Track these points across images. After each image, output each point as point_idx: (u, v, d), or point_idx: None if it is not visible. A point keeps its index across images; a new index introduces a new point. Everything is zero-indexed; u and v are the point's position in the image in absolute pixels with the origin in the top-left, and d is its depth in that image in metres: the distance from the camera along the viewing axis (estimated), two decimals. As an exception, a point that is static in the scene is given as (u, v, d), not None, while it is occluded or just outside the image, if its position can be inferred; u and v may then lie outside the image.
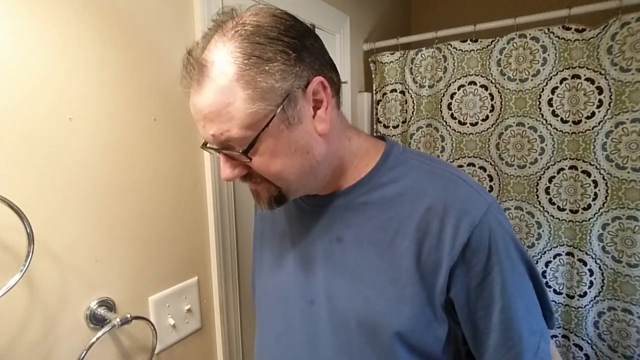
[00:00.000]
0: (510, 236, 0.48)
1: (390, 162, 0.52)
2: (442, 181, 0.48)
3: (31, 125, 0.56)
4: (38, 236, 0.56)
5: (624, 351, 1.07)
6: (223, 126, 0.42)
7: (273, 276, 0.60)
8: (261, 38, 0.41)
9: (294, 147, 0.45)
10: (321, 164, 0.48)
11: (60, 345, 0.62)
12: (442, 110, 1.30)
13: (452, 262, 0.45)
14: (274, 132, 0.43)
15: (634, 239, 1.03)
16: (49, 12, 0.57)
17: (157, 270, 0.76)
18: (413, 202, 0.48)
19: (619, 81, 1.01)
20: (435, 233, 0.46)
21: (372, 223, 0.50)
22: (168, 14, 0.75)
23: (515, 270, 0.47)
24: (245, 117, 0.42)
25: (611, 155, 1.05)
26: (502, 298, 0.46)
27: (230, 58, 0.41)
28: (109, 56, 0.65)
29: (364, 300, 0.49)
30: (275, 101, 0.42)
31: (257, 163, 0.45)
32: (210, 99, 0.42)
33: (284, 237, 0.59)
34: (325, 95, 0.46)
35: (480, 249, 0.45)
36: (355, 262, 0.50)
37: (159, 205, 0.75)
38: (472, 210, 0.45)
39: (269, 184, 0.48)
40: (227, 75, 0.41)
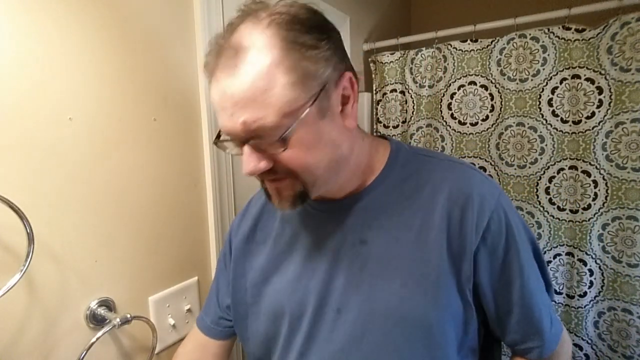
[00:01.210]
0: (518, 217, 0.51)
1: (400, 159, 0.53)
2: (454, 172, 0.51)
3: (31, 125, 0.56)
4: (38, 236, 0.56)
5: (624, 351, 1.07)
6: (258, 113, 0.40)
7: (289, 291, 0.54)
8: (300, 26, 0.41)
9: (324, 140, 0.44)
10: (347, 159, 0.48)
11: (60, 345, 0.62)
12: (442, 110, 1.30)
13: (475, 246, 0.47)
14: (309, 122, 0.42)
15: (634, 239, 1.03)
16: (49, 12, 0.57)
17: (157, 270, 0.76)
18: (432, 195, 0.49)
19: (619, 81, 1.01)
20: (457, 220, 0.48)
21: (395, 221, 0.50)
22: (168, 14, 0.75)
23: (526, 248, 0.51)
24: (283, 105, 0.40)
25: (611, 155, 1.05)
26: (520, 276, 0.49)
27: (270, 43, 0.40)
28: (109, 56, 0.65)
29: (399, 299, 0.48)
30: (313, 90, 0.41)
31: (287, 155, 0.43)
32: (247, 84, 0.39)
33: (298, 246, 0.55)
34: (352, 92, 0.46)
35: (499, 231, 0.48)
36: (383, 262, 0.49)
37: (159, 205, 0.75)
38: (488, 196, 0.48)
39: (293, 179, 0.45)
40: (267, 60, 0.39)
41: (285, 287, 0.55)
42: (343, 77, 0.44)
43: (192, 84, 0.81)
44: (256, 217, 0.62)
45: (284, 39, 0.40)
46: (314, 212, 0.55)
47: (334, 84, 0.44)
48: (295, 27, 0.40)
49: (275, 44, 0.40)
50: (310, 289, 0.53)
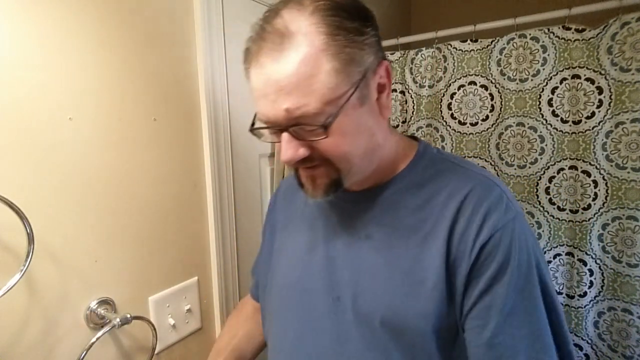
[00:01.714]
0: (534, 256, 0.46)
1: (424, 161, 0.52)
2: (474, 183, 0.48)
3: (31, 125, 0.56)
4: (38, 236, 0.56)
5: (624, 351, 1.07)
6: (302, 100, 0.40)
7: (295, 270, 0.58)
8: (345, 13, 0.41)
9: (362, 128, 0.45)
10: (381, 148, 0.49)
11: (60, 345, 0.62)
12: (442, 110, 1.30)
13: (471, 262, 0.44)
14: (349, 109, 0.42)
15: (634, 239, 1.03)
16: (49, 13, 0.57)
17: (157, 270, 0.76)
18: (445, 204, 0.47)
19: (619, 81, 1.01)
20: (460, 233, 0.45)
21: (404, 223, 0.49)
22: (168, 14, 0.75)
23: (526, 292, 0.44)
24: (327, 91, 0.40)
25: (611, 155, 1.05)
26: (500, 313, 0.43)
27: (316, 29, 0.39)
28: (109, 56, 0.65)
29: (390, 299, 0.48)
30: (356, 77, 0.41)
31: (326, 142, 0.43)
32: (292, 69, 0.39)
33: (312, 230, 0.57)
34: (387, 81, 0.46)
35: (495, 254, 0.44)
36: (383, 260, 0.49)
37: (159, 205, 0.75)
38: (498, 214, 0.45)
39: (328, 167, 0.45)
40: (313, 45, 0.39)
41: (293, 266, 0.58)
42: (381, 65, 0.44)
43: (192, 84, 0.81)
44: (285, 195, 0.65)
45: (329, 25, 0.40)
46: (334, 201, 0.55)
47: (372, 72, 0.44)
48: (340, 14, 0.40)
49: (321, 30, 0.39)
50: (315, 274, 0.54)
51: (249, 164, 1.00)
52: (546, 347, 0.45)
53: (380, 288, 0.49)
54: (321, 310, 0.53)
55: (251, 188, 1.02)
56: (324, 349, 0.52)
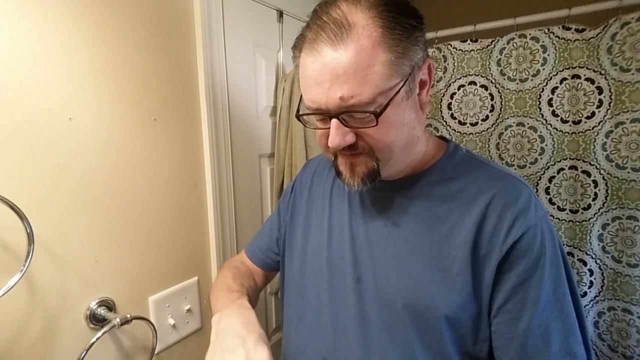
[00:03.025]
0: (562, 253, 0.48)
1: (455, 159, 0.54)
2: (504, 182, 0.50)
3: (31, 126, 0.56)
4: (38, 236, 0.56)
5: (624, 351, 1.07)
6: (356, 89, 0.41)
7: (320, 248, 0.59)
8: (400, 9, 0.43)
9: (406, 120, 0.46)
10: (420, 140, 0.51)
11: (60, 345, 0.62)
12: (442, 110, 1.30)
13: (501, 256, 0.46)
14: (398, 101, 0.44)
15: (634, 239, 1.03)
16: (49, 13, 0.57)
17: (157, 270, 0.76)
18: (475, 198, 0.49)
19: (619, 81, 1.01)
20: (491, 227, 0.47)
21: (432, 213, 0.51)
22: (168, 14, 0.75)
23: (558, 286, 0.47)
24: (380, 82, 0.42)
25: (611, 155, 1.05)
26: (535, 306, 0.45)
27: (373, 22, 0.41)
28: (109, 57, 0.65)
29: (414, 284, 0.49)
30: (407, 71, 0.44)
31: (372, 131, 0.45)
32: (350, 59, 0.41)
33: (339, 213, 0.59)
34: (429, 78, 0.48)
35: (529, 249, 0.46)
36: (408, 247, 0.51)
37: (159, 205, 0.75)
38: (530, 213, 0.46)
39: (369, 156, 0.47)
40: (371, 37, 0.41)
41: (316, 245, 0.60)
42: (426, 62, 0.47)
43: (192, 84, 0.81)
44: (315, 172, 0.67)
45: (387, 18, 0.42)
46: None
47: (419, 68, 0.46)
48: (396, 9, 0.43)
49: (378, 24, 0.41)
50: (340, 254, 0.56)
51: (249, 164, 1.00)
52: (577, 339, 0.47)
53: (405, 273, 0.50)
54: (344, 289, 0.55)
55: (251, 188, 1.02)
56: (346, 327, 0.53)
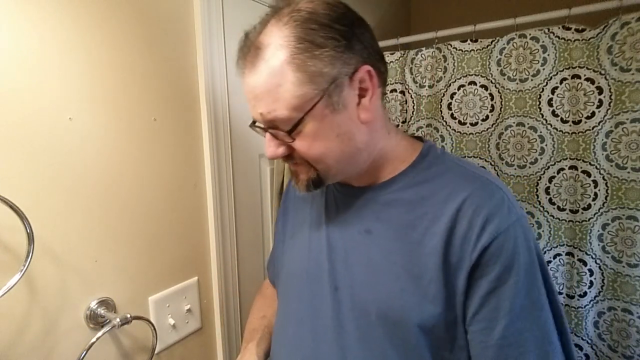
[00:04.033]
0: (537, 257, 0.47)
1: (427, 161, 0.53)
2: (476, 184, 0.48)
3: (31, 126, 0.56)
4: (38, 236, 0.56)
5: (624, 351, 1.07)
6: (271, 106, 0.44)
7: (301, 258, 0.61)
8: (313, 24, 0.43)
9: (336, 132, 0.46)
10: (362, 151, 0.50)
11: (60, 345, 0.62)
12: (442, 110, 1.30)
13: (472, 263, 0.45)
14: (318, 115, 0.45)
15: (634, 239, 1.03)
16: (49, 13, 0.57)
17: (157, 270, 0.76)
18: (445, 202, 0.48)
19: (619, 81, 1.01)
20: (461, 233, 0.46)
21: (403, 219, 0.50)
22: (168, 14, 0.75)
23: (532, 293, 0.45)
24: (293, 99, 0.44)
25: (611, 155, 1.05)
26: (509, 314, 0.44)
27: (283, 42, 0.43)
28: (109, 56, 0.65)
29: (387, 293, 0.49)
30: (322, 85, 0.44)
31: (299, 144, 0.47)
32: (262, 79, 0.44)
33: (317, 222, 0.60)
34: (371, 85, 0.47)
35: (499, 255, 0.44)
36: (381, 255, 0.51)
37: (159, 205, 0.75)
38: (501, 217, 0.45)
39: (308, 166, 0.49)
40: (279, 58, 0.43)
41: (298, 255, 0.61)
42: (360, 71, 0.46)
43: (192, 84, 0.81)
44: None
45: (296, 37, 0.43)
46: (336, 193, 0.59)
47: (347, 78, 0.45)
48: (309, 25, 0.43)
49: (288, 43, 0.43)
50: (318, 263, 0.57)
51: (248, 164, 1.00)
52: (554, 346, 0.46)
53: (378, 282, 0.50)
54: (323, 298, 0.55)
55: (251, 188, 1.02)
56: (324, 336, 0.54)
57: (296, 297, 0.60)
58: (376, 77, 0.47)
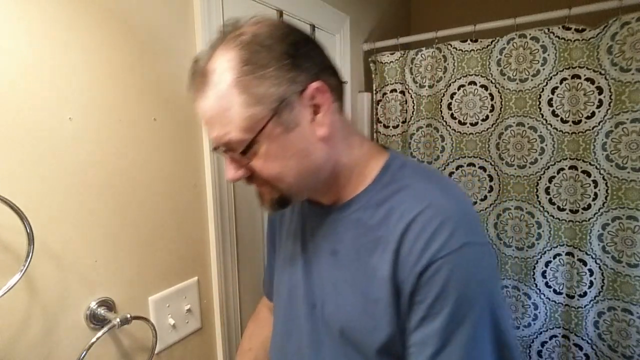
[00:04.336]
0: (481, 290, 0.43)
1: (386, 178, 0.51)
2: (425, 205, 0.46)
3: (31, 126, 0.56)
4: (38, 236, 0.56)
5: (624, 351, 1.07)
6: (223, 129, 0.45)
7: (284, 276, 0.63)
8: (257, 46, 0.44)
9: (292, 151, 0.46)
10: (321, 168, 0.49)
11: (60, 345, 0.62)
12: (442, 110, 1.30)
13: (411, 289, 0.44)
14: (271, 135, 0.45)
15: (634, 239, 1.03)
16: (49, 13, 0.57)
17: (157, 270, 0.76)
18: (396, 225, 0.46)
19: (619, 81, 1.01)
20: (404, 257, 0.45)
21: (362, 241, 0.50)
22: (168, 14, 0.75)
23: (465, 327, 0.42)
24: (242, 121, 0.44)
25: (611, 155, 1.05)
26: (435, 345, 0.43)
27: (228, 66, 0.44)
28: (109, 56, 0.65)
29: (348, 315, 0.50)
30: (270, 105, 0.44)
31: (256, 165, 0.47)
32: (211, 104, 0.45)
33: (296, 239, 0.61)
34: (324, 100, 0.47)
35: (432, 283, 0.43)
36: (344, 276, 0.51)
37: (159, 205, 0.75)
38: (441, 243, 0.43)
39: (270, 186, 0.49)
40: (225, 81, 0.43)
41: (282, 273, 0.64)
42: (308, 87, 0.45)
43: (192, 84, 0.81)
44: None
45: (240, 60, 0.43)
46: (308, 211, 0.59)
47: (297, 96, 0.45)
48: (253, 47, 0.44)
49: (233, 67, 0.43)
50: (298, 282, 0.58)
51: (249, 164, 1.00)
52: None
53: (342, 303, 0.51)
54: (302, 316, 0.57)
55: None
56: (306, 351, 0.56)
57: (283, 315, 0.62)
58: (329, 92, 0.47)
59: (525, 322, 1.23)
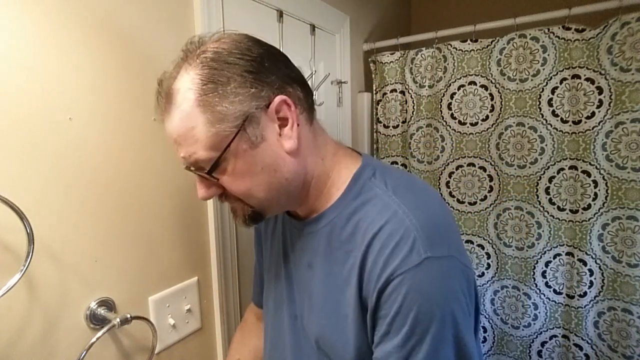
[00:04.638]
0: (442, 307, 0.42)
1: (356, 189, 0.50)
2: (387, 218, 0.45)
3: (31, 126, 0.56)
4: (38, 236, 0.56)
5: (624, 351, 1.07)
6: (190, 149, 0.45)
7: (270, 286, 0.64)
8: (218, 63, 0.43)
9: (260, 166, 0.46)
10: (291, 181, 0.48)
11: (60, 345, 0.62)
12: (442, 110, 1.30)
13: (373, 304, 0.44)
14: (237, 152, 0.45)
15: (634, 239, 1.03)
16: (49, 13, 0.57)
17: (157, 270, 0.76)
18: (363, 239, 0.46)
19: (619, 81, 1.01)
20: (368, 272, 0.45)
21: (334, 256, 0.50)
22: (168, 14, 0.75)
23: (424, 344, 0.42)
24: (208, 139, 0.44)
25: (611, 155, 1.05)
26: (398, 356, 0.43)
27: (191, 85, 0.43)
28: (109, 56, 0.65)
29: (322, 329, 0.51)
30: (235, 122, 0.43)
31: (226, 182, 0.47)
32: (177, 124, 0.45)
33: (279, 249, 0.61)
34: (290, 113, 0.46)
35: (392, 300, 0.42)
36: (319, 290, 0.52)
37: (159, 205, 0.75)
38: (401, 259, 0.42)
39: (241, 202, 0.49)
40: (188, 101, 0.43)
41: (267, 284, 0.65)
42: (274, 101, 0.45)
43: (192, 84, 0.80)
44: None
45: (202, 78, 0.43)
46: (288, 223, 0.59)
47: (262, 111, 0.45)
48: (214, 65, 0.43)
49: (196, 85, 0.43)
50: (281, 293, 0.59)
51: (249, 164, 1.00)
52: None
53: (318, 316, 0.52)
54: (286, 327, 0.58)
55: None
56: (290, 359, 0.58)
57: (270, 325, 0.63)
58: (294, 105, 0.46)
59: (525, 322, 1.23)
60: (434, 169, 1.35)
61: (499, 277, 1.27)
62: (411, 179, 0.53)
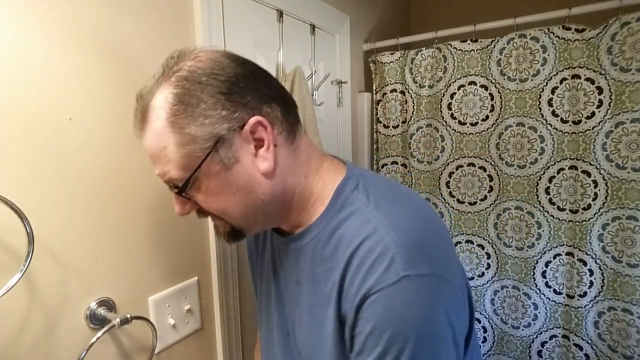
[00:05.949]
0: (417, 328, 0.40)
1: (339, 203, 0.49)
2: (366, 234, 0.43)
3: (31, 126, 0.56)
4: (38, 236, 0.56)
5: (624, 351, 1.07)
6: (164, 167, 0.45)
7: (262, 302, 0.64)
8: (190, 83, 0.42)
9: (234, 187, 0.45)
10: (268, 202, 0.47)
11: (60, 345, 0.62)
12: (442, 110, 1.30)
13: (351, 321, 0.43)
14: (209, 172, 0.44)
15: (634, 239, 1.03)
16: (49, 13, 0.57)
17: (157, 270, 0.76)
18: (343, 255, 0.45)
19: (619, 81, 1.01)
20: (346, 289, 0.44)
21: (318, 272, 0.49)
22: (168, 14, 0.75)
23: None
24: (180, 160, 0.43)
25: (611, 155, 1.05)
26: None
27: (163, 104, 0.43)
28: (108, 56, 0.65)
29: (310, 345, 0.51)
30: (205, 144, 0.42)
31: (200, 201, 0.47)
32: (150, 142, 0.45)
33: (269, 265, 0.61)
34: (266, 134, 0.44)
35: (367, 319, 0.41)
36: (306, 306, 0.51)
37: (159, 205, 0.75)
38: (377, 276, 0.41)
39: (221, 219, 0.49)
40: (161, 119, 0.43)
41: (258, 300, 0.65)
42: (248, 122, 0.43)
43: (192, 84, 0.80)
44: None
45: (173, 99, 0.42)
46: (275, 240, 0.59)
47: (235, 132, 0.43)
48: (186, 85, 0.42)
49: (167, 105, 0.43)
50: (271, 310, 0.60)
51: (249, 164, 1.00)
52: None
53: (306, 332, 0.52)
54: (277, 343, 0.58)
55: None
56: None
57: (264, 342, 0.64)
58: (270, 126, 0.44)
59: (525, 322, 1.23)
60: (434, 169, 1.35)
61: (499, 277, 1.27)
62: (397, 191, 0.50)
